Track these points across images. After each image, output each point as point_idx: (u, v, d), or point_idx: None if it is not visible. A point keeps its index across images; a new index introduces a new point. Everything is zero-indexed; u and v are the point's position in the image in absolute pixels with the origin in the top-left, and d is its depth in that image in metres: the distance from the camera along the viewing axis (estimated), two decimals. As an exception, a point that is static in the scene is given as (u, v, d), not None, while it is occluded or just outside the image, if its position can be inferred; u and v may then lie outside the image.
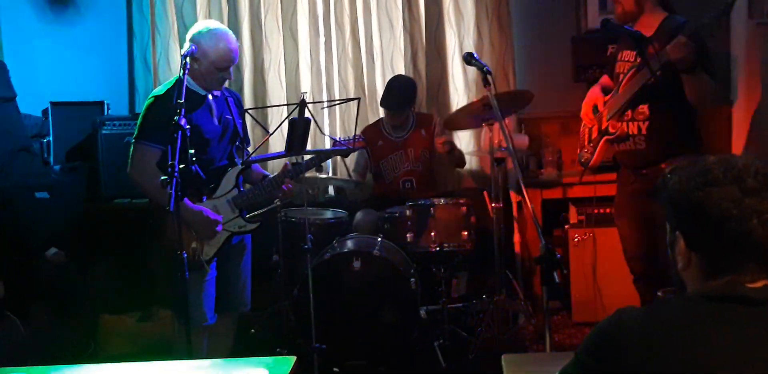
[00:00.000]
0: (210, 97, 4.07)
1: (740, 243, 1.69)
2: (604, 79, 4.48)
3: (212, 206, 4.03)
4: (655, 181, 3.85)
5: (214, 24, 4.03)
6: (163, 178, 3.32)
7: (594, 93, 4.38)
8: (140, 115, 4.01)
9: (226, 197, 4.09)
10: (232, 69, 4.04)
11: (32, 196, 5.06)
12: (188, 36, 3.96)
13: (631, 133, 4.08)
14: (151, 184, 3.90)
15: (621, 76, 4.15)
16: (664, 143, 4.04)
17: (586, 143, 4.38)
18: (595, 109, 4.31)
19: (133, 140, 4.00)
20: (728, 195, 1.67)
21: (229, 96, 4.22)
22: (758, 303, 1.66)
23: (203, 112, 4.01)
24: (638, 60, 4.01)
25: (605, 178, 4.83)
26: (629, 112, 4.07)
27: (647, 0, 4.07)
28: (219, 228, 3.99)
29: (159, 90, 4.05)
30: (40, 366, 2.78)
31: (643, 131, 4.05)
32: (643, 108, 4.04)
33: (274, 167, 5.83)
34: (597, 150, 4.24)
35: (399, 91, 5.34)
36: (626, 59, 4.17)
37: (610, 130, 4.14)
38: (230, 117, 4.14)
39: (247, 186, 4.29)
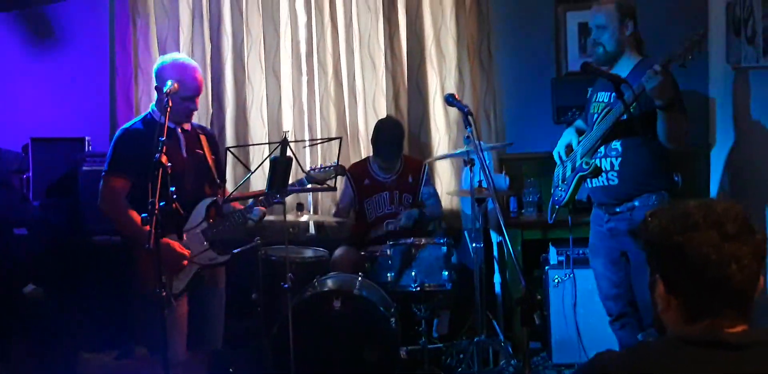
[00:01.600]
0: (179, 130, 4.06)
1: (719, 288, 1.70)
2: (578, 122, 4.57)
3: (182, 239, 3.97)
4: (628, 220, 3.89)
5: (177, 55, 4.08)
6: (143, 215, 3.31)
7: (568, 134, 4.41)
8: (109, 149, 4.04)
9: (195, 230, 4.05)
10: (198, 99, 4.06)
11: (11, 232, 5.03)
12: (154, 70, 3.99)
13: (603, 169, 4.11)
14: (122, 216, 3.92)
15: (595, 116, 4.19)
16: (636, 179, 4.07)
17: (560, 183, 4.40)
18: (569, 149, 4.35)
19: (103, 173, 4.01)
20: (708, 241, 1.68)
21: (202, 132, 4.22)
22: (737, 348, 1.67)
23: (172, 145, 3.97)
24: (612, 100, 4.09)
25: (583, 218, 4.83)
26: (603, 149, 4.11)
27: (626, 43, 4.13)
28: (186, 261, 3.96)
29: (128, 124, 4.10)
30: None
31: (616, 167, 4.09)
32: (616, 144, 4.09)
33: (255, 205, 5.83)
34: (572, 187, 4.26)
35: (391, 138, 5.38)
36: (601, 100, 4.23)
37: (584, 166, 4.17)
38: (201, 151, 4.13)
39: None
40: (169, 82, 3.86)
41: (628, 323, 4.26)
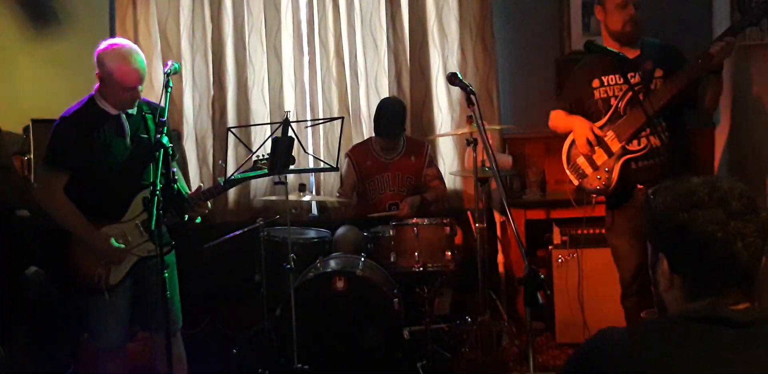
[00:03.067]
0: (123, 116, 3.93)
1: (725, 266, 1.68)
2: (562, 113, 4.47)
3: (119, 231, 3.89)
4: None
5: (120, 42, 3.91)
6: (144, 196, 3.29)
7: (583, 123, 4.31)
8: (48, 139, 3.90)
9: (134, 221, 3.94)
10: (141, 88, 3.90)
11: (12, 214, 5.02)
12: (95, 55, 3.86)
13: (654, 146, 4.10)
14: (57, 209, 3.86)
15: (613, 100, 4.15)
16: (682, 155, 4.10)
17: (590, 171, 4.31)
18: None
19: (42, 162, 3.94)
20: (714, 218, 1.67)
21: (148, 112, 4.03)
22: (741, 325, 1.66)
23: (113, 132, 3.88)
24: (636, 79, 4.06)
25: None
26: (647, 127, 4.08)
27: None
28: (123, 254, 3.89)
29: (68, 110, 3.95)
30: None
31: (666, 143, 4.07)
32: (659, 121, 4.08)
33: (257, 185, 5.82)
34: (615, 172, 4.20)
35: (392, 117, 5.35)
36: (611, 83, 4.18)
37: (631, 148, 4.11)
38: (146, 135, 3.98)
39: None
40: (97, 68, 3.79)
41: (643, 301, 4.24)
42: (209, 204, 4.09)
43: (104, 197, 3.87)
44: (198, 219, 4.09)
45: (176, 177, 3.52)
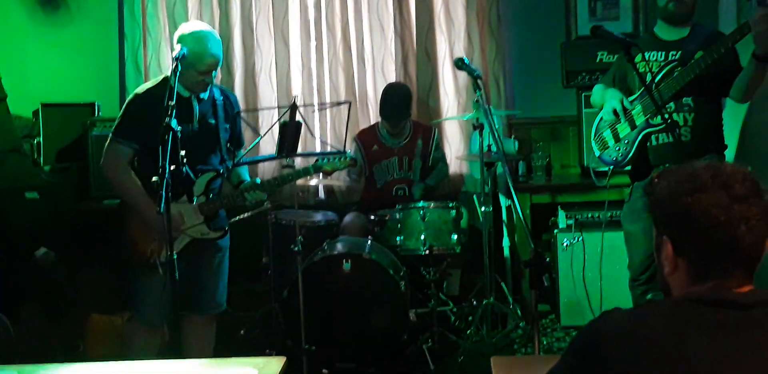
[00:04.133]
0: (194, 98, 4.02)
1: (728, 249, 1.69)
2: (602, 87, 4.45)
3: (177, 211, 3.92)
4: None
5: (199, 26, 3.97)
6: (154, 179, 3.32)
7: (615, 93, 4.22)
8: (120, 111, 4.00)
9: (193, 202, 4.02)
10: (215, 73, 3.99)
11: (22, 197, 5.05)
12: (175, 36, 3.93)
13: (675, 122, 4.04)
14: (123, 181, 3.92)
15: (648, 75, 4.09)
16: (708, 136, 4.04)
17: (613, 143, 4.29)
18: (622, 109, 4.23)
19: (110, 135, 3.99)
20: (717, 202, 1.68)
21: (220, 98, 4.13)
22: (745, 307, 1.67)
23: (184, 115, 3.92)
24: (677, 57, 4.03)
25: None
26: (673, 104, 4.03)
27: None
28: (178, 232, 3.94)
29: (142, 88, 4.03)
30: (30, 365, 2.79)
31: (690, 122, 4.02)
32: (687, 100, 4.02)
33: (264, 170, 5.85)
34: (634, 145, 4.18)
35: (398, 101, 5.36)
36: (653, 59, 4.13)
37: (652, 123, 4.08)
38: (213, 121, 4.07)
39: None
40: (177, 47, 3.83)
41: (652, 288, 4.24)
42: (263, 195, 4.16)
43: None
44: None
45: (184, 160, 3.54)
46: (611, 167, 4.33)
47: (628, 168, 4.27)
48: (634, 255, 4.27)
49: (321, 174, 4.55)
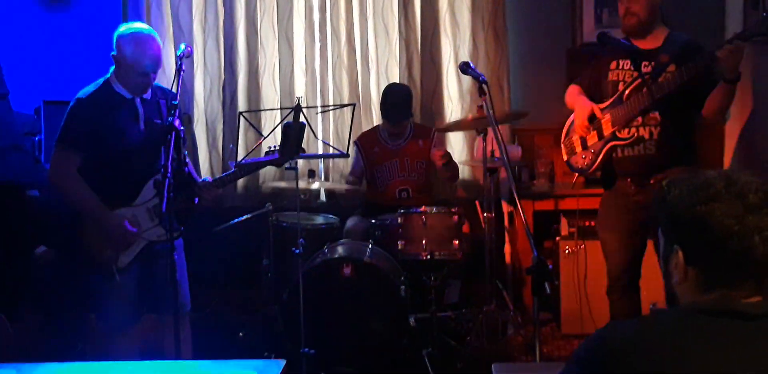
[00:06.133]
0: (138, 100, 3.96)
1: (741, 259, 1.68)
2: (577, 89, 4.47)
3: (131, 214, 3.92)
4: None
5: (138, 26, 3.93)
6: (157, 180, 3.31)
7: (586, 102, 4.31)
8: (63, 118, 3.92)
9: (146, 205, 3.97)
10: (154, 75, 3.92)
11: (23, 194, 5.04)
12: (114, 38, 3.87)
13: (641, 137, 4.08)
14: (73, 189, 3.88)
15: (621, 84, 4.14)
16: (673, 150, 4.05)
17: (579, 150, 4.36)
18: (592, 117, 4.26)
19: (55, 143, 3.94)
20: (731, 212, 1.66)
21: (162, 98, 4.05)
22: (754, 318, 1.65)
23: (128, 116, 3.90)
24: (648, 69, 4.04)
25: (596, 191, 4.81)
26: (639, 118, 4.07)
27: (658, 14, 4.09)
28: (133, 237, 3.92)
29: (84, 91, 3.96)
30: (29, 363, 2.78)
31: (655, 136, 4.05)
32: (655, 114, 4.05)
33: (266, 171, 5.83)
34: (600, 156, 4.21)
35: (399, 101, 5.34)
36: (625, 68, 4.17)
37: (620, 135, 4.11)
38: (159, 121, 3.99)
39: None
40: (116, 48, 3.80)
41: (628, 295, 4.26)
42: (220, 190, 4.11)
43: (116, 180, 3.89)
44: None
45: (188, 160, 3.54)
46: (577, 174, 4.38)
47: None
48: (611, 262, 4.30)
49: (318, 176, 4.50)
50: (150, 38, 3.87)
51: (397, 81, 5.83)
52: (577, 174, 4.45)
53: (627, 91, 4.08)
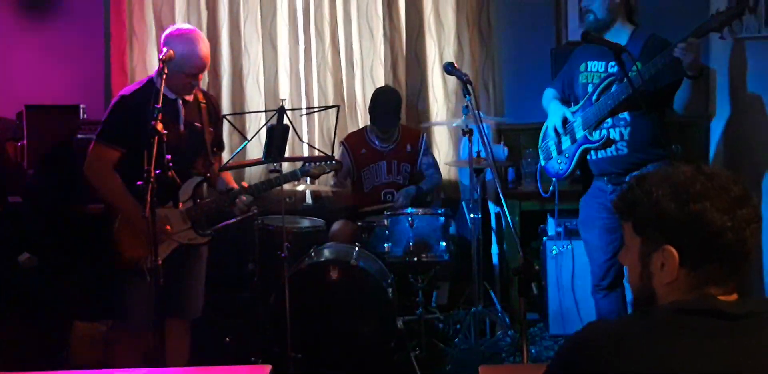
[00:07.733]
0: (180, 101, 3.98)
1: (735, 254, 1.67)
2: (551, 93, 4.47)
3: (164, 215, 3.89)
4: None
5: (188, 28, 3.94)
6: (138, 183, 3.28)
7: (558, 107, 4.33)
8: (105, 114, 3.95)
9: (179, 207, 3.98)
10: (202, 76, 3.96)
11: (5, 200, 5.00)
12: (162, 38, 3.90)
13: (613, 140, 4.08)
14: (108, 184, 3.87)
15: (590, 86, 4.15)
16: (645, 148, 4.05)
17: (555, 155, 4.36)
18: (565, 121, 4.29)
19: (94, 138, 3.94)
20: (722, 207, 1.65)
21: (205, 102, 4.11)
22: (734, 318, 1.64)
23: (170, 118, 3.87)
24: (611, 70, 4.05)
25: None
26: (610, 119, 4.07)
27: (618, 10, 4.09)
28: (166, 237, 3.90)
29: (127, 90, 3.98)
30: (11, 373, 2.74)
31: (625, 137, 4.06)
32: (624, 114, 4.05)
33: (251, 174, 5.81)
34: (575, 160, 4.23)
35: (388, 106, 5.34)
36: (595, 70, 4.18)
37: (590, 138, 4.13)
38: (199, 125, 4.04)
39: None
40: (164, 50, 3.79)
41: (613, 293, 4.26)
42: (252, 198, 4.12)
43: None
44: None
45: (171, 164, 3.50)
46: (554, 179, 4.43)
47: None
48: (594, 261, 4.31)
49: (308, 178, 4.50)
50: (201, 38, 3.90)
51: (383, 82, 5.82)
52: (554, 179, 4.44)
53: (596, 93, 4.10)
